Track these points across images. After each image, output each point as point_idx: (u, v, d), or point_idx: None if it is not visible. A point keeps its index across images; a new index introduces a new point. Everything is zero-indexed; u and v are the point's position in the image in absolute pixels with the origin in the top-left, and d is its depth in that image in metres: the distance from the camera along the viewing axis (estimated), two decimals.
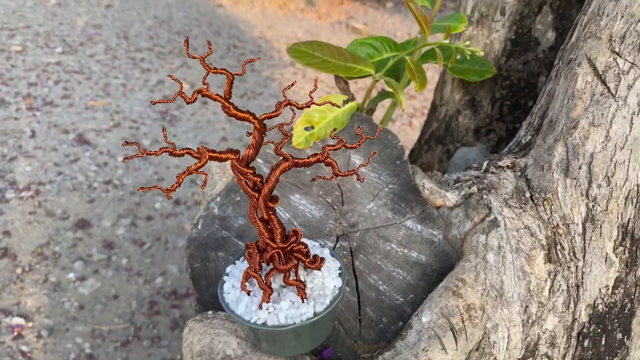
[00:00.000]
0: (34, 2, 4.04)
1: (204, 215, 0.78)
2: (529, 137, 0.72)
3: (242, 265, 0.61)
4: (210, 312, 0.66)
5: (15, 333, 1.49)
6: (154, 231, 1.92)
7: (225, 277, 0.60)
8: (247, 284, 0.57)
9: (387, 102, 1.00)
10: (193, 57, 0.43)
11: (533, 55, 0.88)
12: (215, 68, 0.45)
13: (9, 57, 3.02)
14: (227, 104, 0.46)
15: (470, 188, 0.68)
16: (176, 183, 0.46)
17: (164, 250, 1.83)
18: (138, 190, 0.42)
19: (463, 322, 0.57)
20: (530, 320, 0.61)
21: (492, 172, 0.69)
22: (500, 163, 0.68)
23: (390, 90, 0.85)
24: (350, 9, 5.93)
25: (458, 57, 0.87)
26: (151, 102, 0.46)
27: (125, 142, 0.46)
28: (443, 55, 0.87)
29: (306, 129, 0.82)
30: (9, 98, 2.61)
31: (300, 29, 4.69)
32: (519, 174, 0.67)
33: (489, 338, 0.59)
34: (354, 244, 0.69)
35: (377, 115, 1.26)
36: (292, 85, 0.51)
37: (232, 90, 0.48)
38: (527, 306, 0.61)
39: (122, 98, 2.80)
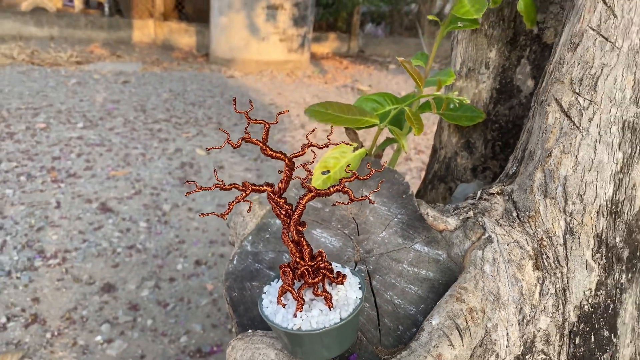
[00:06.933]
0: (55, 82, 4.30)
1: (238, 252, 0.89)
2: (515, 168, 0.84)
3: (276, 285, 0.72)
4: (250, 331, 0.76)
5: None
6: (176, 292, 1.98)
7: (263, 295, 0.71)
8: (282, 298, 0.68)
9: (390, 149, 1.12)
10: (239, 112, 0.56)
11: (517, 101, 1.02)
12: (255, 119, 0.58)
13: (34, 134, 3.21)
14: (264, 146, 0.59)
15: (467, 213, 0.80)
16: (228, 209, 0.58)
17: (187, 310, 1.89)
18: (200, 215, 0.54)
19: (467, 322, 0.68)
20: (525, 320, 0.71)
21: (485, 199, 0.81)
22: (491, 190, 0.80)
23: (394, 136, 0.99)
24: (355, 73, 6.21)
25: (451, 106, 1.01)
26: (206, 149, 0.59)
27: (187, 181, 0.58)
28: (438, 105, 1.01)
29: (323, 173, 0.94)
30: (35, 172, 2.77)
31: (308, 94, 4.92)
32: (507, 198, 0.79)
33: (490, 336, 0.69)
34: (371, 267, 0.80)
35: (384, 159, 1.39)
36: (312, 131, 0.64)
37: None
38: (521, 308, 0.71)
39: (142, 167, 2.95)
